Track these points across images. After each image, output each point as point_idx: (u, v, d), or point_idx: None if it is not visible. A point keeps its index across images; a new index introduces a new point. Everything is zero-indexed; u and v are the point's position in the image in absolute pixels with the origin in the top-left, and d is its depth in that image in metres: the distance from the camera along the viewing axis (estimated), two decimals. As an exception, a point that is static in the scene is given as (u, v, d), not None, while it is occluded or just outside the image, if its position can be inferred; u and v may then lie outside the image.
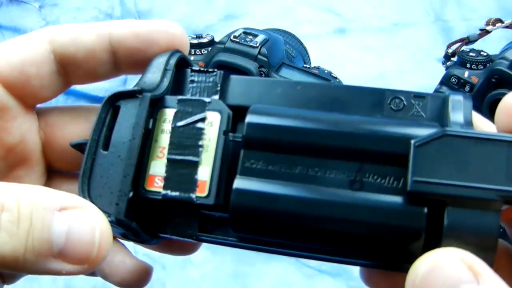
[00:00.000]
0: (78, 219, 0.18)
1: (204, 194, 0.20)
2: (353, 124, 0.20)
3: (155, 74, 0.22)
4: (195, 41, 0.62)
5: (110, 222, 0.20)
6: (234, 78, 0.22)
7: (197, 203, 0.20)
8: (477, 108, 0.56)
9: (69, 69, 0.24)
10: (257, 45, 0.59)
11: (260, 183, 0.19)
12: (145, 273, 0.26)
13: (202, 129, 0.21)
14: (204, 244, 0.23)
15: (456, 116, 0.20)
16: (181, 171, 0.20)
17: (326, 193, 0.19)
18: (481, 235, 0.18)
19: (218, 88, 0.22)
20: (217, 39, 0.62)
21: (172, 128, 0.21)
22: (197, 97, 0.22)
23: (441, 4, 0.89)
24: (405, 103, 0.21)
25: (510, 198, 0.18)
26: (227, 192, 0.20)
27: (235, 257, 0.65)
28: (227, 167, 0.21)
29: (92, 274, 0.27)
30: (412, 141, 0.19)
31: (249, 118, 0.20)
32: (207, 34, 0.63)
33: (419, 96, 0.21)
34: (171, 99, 0.21)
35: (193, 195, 0.20)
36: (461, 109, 0.20)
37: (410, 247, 0.18)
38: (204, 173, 0.20)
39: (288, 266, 0.63)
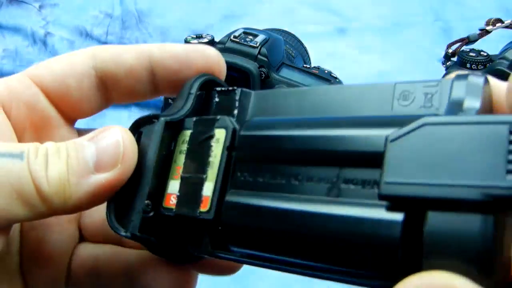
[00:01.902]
0: (103, 136, 0.21)
1: (206, 209, 0.21)
2: (332, 126, 0.18)
3: (182, 99, 0.23)
4: (195, 41, 0.62)
5: (125, 237, 0.21)
6: (254, 93, 0.23)
7: (199, 218, 0.21)
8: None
9: (109, 86, 0.25)
10: (257, 45, 0.59)
11: (247, 196, 0.20)
12: (191, 280, 0.25)
13: (210, 146, 0.21)
14: None
15: (458, 101, 0.17)
16: (190, 188, 0.21)
17: (304, 202, 0.18)
18: (470, 244, 0.14)
19: (236, 105, 0.22)
20: (217, 39, 0.62)
21: (187, 148, 0.22)
22: (214, 116, 0.22)
23: (441, 4, 0.89)
24: (414, 95, 0.18)
25: (501, 197, 0.14)
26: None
27: (235, 257, 0.64)
28: (227, 181, 0.21)
29: None
30: (386, 135, 0.16)
31: (241, 132, 0.21)
32: (207, 34, 0.63)
33: (427, 85, 0.18)
34: (189, 121, 0.22)
35: (197, 211, 0.21)
36: (463, 93, 0.17)
37: (386, 262, 0.15)
38: (208, 188, 0.21)
39: (288, 266, 0.63)
